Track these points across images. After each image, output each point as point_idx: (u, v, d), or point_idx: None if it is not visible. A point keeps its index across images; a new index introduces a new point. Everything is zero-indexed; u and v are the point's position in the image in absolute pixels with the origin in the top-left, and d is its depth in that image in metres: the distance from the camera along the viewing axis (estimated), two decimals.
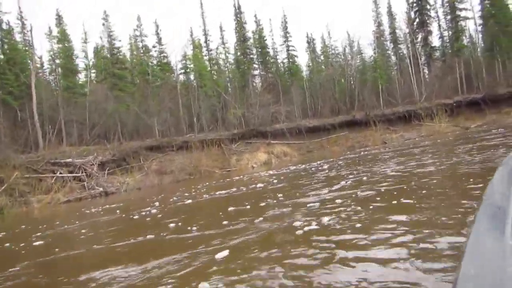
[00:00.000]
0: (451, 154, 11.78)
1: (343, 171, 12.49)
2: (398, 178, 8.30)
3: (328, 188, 8.56)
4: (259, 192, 10.95)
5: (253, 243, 4.72)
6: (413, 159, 12.27)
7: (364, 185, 8.00)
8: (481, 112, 36.38)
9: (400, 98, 40.32)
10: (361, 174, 10.53)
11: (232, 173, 25.98)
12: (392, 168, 10.50)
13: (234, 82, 39.69)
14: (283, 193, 9.14)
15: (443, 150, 14.04)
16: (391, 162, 12.75)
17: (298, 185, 10.70)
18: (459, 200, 5.02)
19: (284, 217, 6.11)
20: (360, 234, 4.13)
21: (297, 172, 15.97)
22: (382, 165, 12.06)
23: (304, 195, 8.20)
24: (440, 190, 6.33)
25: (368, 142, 31.50)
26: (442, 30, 46.07)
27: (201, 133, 32.24)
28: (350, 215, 5.20)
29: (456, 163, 9.10)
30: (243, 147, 33.01)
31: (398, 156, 15.05)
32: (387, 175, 9.08)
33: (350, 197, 6.73)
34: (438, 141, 21.39)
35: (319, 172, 14.02)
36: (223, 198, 11.00)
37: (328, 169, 14.51)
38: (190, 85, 34.80)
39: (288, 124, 35.22)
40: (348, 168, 13.65)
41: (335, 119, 36.68)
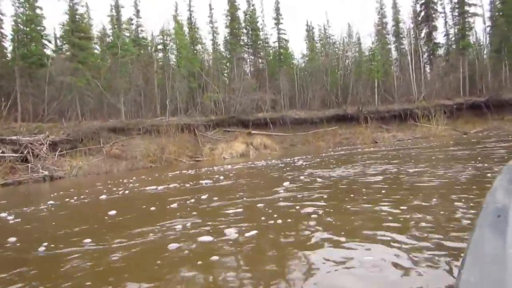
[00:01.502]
0: (440, 164, 9.66)
1: (306, 171, 10.39)
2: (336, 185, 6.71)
3: (265, 191, 6.48)
4: (195, 190, 8.78)
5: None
6: (385, 164, 10.28)
7: (303, 191, 6.49)
8: (482, 117, 34.47)
9: (397, 96, 38.20)
10: (314, 176, 8.70)
11: (202, 163, 23.77)
12: (350, 172, 8.63)
13: (217, 63, 37.16)
14: (220, 194, 7.20)
15: (433, 157, 11.92)
16: (359, 165, 10.73)
17: (249, 186, 8.65)
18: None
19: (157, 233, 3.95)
20: None
21: (267, 168, 13.84)
22: (348, 168, 10.13)
23: (233, 203, 6.07)
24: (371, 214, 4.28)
25: (357, 140, 29.36)
26: (448, 27, 43.87)
27: (175, 117, 29.82)
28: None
29: (434, 175, 7.03)
30: (220, 136, 30.72)
31: (380, 159, 12.93)
32: (334, 181, 7.12)
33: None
34: (432, 145, 19.28)
35: (285, 170, 11.90)
36: (144, 195, 8.80)
37: (291, 168, 12.37)
38: (167, 63, 32.12)
39: (272, 114, 32.97)
40: (314, 168, 11.56)
41: (324, 112, 34.46)
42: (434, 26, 42.04)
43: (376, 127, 33.43)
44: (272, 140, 30.85)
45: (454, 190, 5.20)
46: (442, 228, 3.34)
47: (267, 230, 3.87)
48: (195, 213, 5.34)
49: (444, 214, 3.82)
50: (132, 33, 33.72)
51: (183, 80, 31.98)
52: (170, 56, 32.82)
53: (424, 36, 42.48)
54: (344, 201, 5.15)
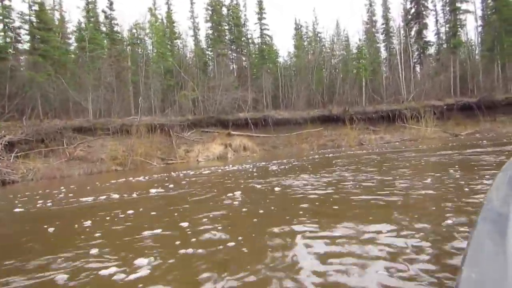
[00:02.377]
0: (415, 173, 8.51)
1: (274, 178, 9.27)
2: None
3: (211, 204, 5.31)
4: (132, 202, 7.48)
5: None
6: (359, 172, 9.17)
7: (246, 204, 5.68)
8: (474, 118, 33.69)
9: (385, 96, 37.21)
10: (274, 185, 7.81)
11: (175, 166, 22.42)
12: (314, 182, 7.41)
13: (196, 60, 35.69)
14: (157, 208, 6.29)
15: (414, 163, 10.79)
16: (333, 172, 9.56)
17: (197, 197, 7.44)
18: None
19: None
20: None
21: (235, 174, 12.62)
22: (318, 175, 8.95)
23: (161, 220, 4.86)
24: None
25: (343, 141, 28.19)
26: (439, 26, 43.08)
27: (148, 117, 28.34)
28: None
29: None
30: (198, 136, 29.33)
31: (359, 164, 11.79)
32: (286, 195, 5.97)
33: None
34: (420, 148, 18.22)
35: (253, 176, 10.69)
36: (67, 210, 7.43)
37: (260, 175, 11.19)
38: (140, 59, 30.48)
39: (253, 114, 31.66)
40: (284, 174, 10.45)
41: (309, 112, 33.25)
42: (424, 24, 41.20)
43: (363, 128, 32.37)
44: (253, 141, 29.54)
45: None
46: None
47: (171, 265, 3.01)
48: (105, 235, 4.18)
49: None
50: (104, 27, 31.99)
51: (158, 77, 30.53)
52: (144, 52, 31.17)
53: (414, 34, 41.57)
54: (269, 224, 4.17)
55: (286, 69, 40.55)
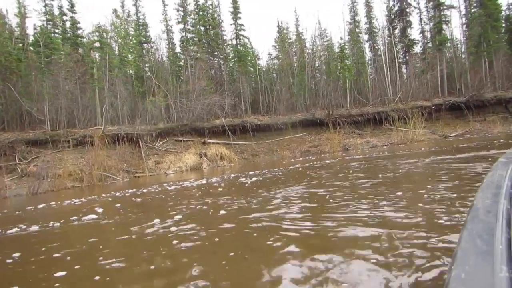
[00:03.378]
0: (389, 190, 7.03)
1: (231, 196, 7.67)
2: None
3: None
4: (47, 233, 5.76)
5: None
6: (327, 188, 7.66)
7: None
8: (463, 118, 32.75)
9: (371, 98, 35.94)
10: (221, 207, 6.22)
11: (143, 180, 20.62)
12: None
13: (167, 65, 33.87)
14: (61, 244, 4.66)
15: (395, 173, 9.30)
16: (300, 187, 8.04)
17: (117, 226, 5.78)
18: None
19: None
20: None
21: (198, 191, 11.05)
22: (283, 189, 7.42)
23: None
24: None
25: (327, 147, 26.69)
26: (423, 24, 42.18)
27: (115, 126, 26.44)
28: None
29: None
30: (170, 146, 27.49)
31: (335, 174, 10.29)
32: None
33: None
34: (405, 153, 16.81)
35: (209, 194, 9.10)
36: None
37: (227, 187, 9.58)
38: (104, 65, 28.39)
39: (231, 120, 29.96)
40: (252, 191, 8.89)
41: (290, 117, 31.70)
42: (408, 21, 40.24)
43: (348, 132, 31.04)
44: (230, 150, 27.85)
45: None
46: None
47: None
48: None
49: None
50: (64, 31, 29.88)
51: (127, 83, 28.68)
52: (108, 56, 29.05)
53: (399, 32, 40.56)
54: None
55: (266, 72, 39.04)
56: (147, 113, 28.43)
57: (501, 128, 29.50)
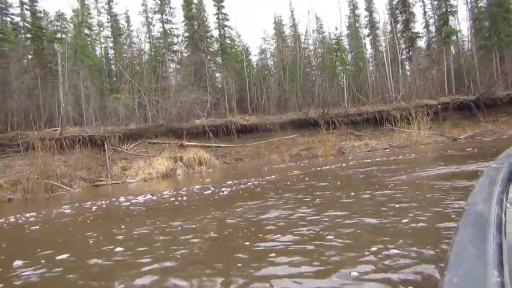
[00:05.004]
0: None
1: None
2: None
3: None
4: None
5: None
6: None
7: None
8: (473, 118, 30.23)
9: (371, 96, 33.31)
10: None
11: (100, 191, 18.04)
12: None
13: (141, 59, 31.16)
14: None
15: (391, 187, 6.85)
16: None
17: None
18: None
19: None
20: None
21: (154, 205, 8.63)
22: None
23: None
24: None
25: (320, 150, 24.01)
26: (427, 18, 39.60)
27: (77, 127, 23.73)
28: None
29: None
30: (143, 150, 24.78)
31: (314, 191, 7.73)
32: None
33: None
34: (407, 158, 14.32)
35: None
36: None
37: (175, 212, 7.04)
38: (65, 58, 25.42)
39: (213, 121, 27.31)
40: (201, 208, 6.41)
41: (281, 117, 29.07)
42: (411, 13, 37.58)
43: (345, 133, 28.41)
44: (211, 153, 25.18)
45: None
46: None
47: None
48: None
49: None
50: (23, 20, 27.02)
51: (94, 80, 26.00)
52: (67, 48, 26.00)
53: (402, 24, 37.91)
54: None
55: (256, 68, 36.38)
56: (117, 113, 25.67)
57: None
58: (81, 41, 26.12)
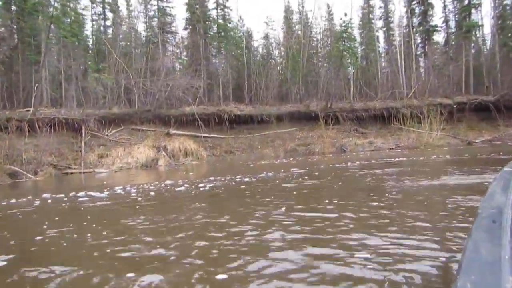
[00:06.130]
0: None
1: None
2: None
3: None
4: None
5: None
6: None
7: None
8: (491, 121, 28.34)
9: (380, 91, 31.32)
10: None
11: (70, 179, 16.61)
12: None
13: (131, 38, 29.53)
14: None
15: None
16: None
17: None
18: None
19: None
20: None
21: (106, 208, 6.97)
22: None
23: None
24: None
25: (317, 147, 22.24)
26: (447, 12, 37.29)
27: (54, 109, 22.21)
28: None
29: None
30: (125, 136, 23.25)
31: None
32: None
33: None
34: (416, 161, 12.57)
35: None
36: None
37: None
38: (42, 31, 23.75)
39: (204, 108, 25.67)
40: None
41: (279, 108, 27.33)
42: (429, 4, 35.30)
43: (349, 130, 26.61)
44: (199, 144, 23.55)
45: None
46: None
47: None
48: None
49: None
50: None
51: (79, 58, 24.48)
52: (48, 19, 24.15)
53: (419, 16, 35.68)
54: None
55: (257, 54, 34.56)
56: (100, 95, 24.13)
57: None
58: (64, 16, 24.51)
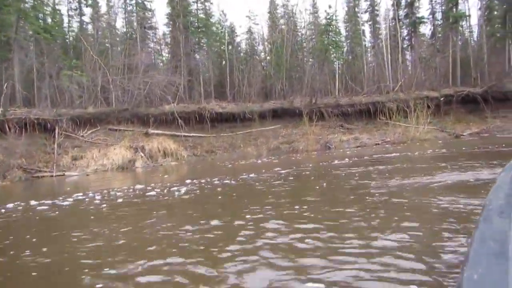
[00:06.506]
0: None
1: None
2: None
3: None
4: None
5: None
6: None
7: None
8: (479, 113, 28.14)
9: (366, 86, 30.86)
10: None
11: (47, 183, 15.92)
12: None
13: (108, 33, 28.70)
14: None
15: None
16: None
17: None
18: None
19: None
20: None
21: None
22: None
23: None
24: None
25: (301, 144, 21.69)
26: (434, 3, 36.95)
27: (25, 109, 21.37)
28: None
29: None
30: (101, 137, 22.49)
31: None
32: None
33: None
34: (403, 156, 12.11)
35: None
36: None
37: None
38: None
39: (185, 107, 25.00)
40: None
41: (262, 105, 26.73)
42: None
43: (335, 126, 26.12)
44: (179, 144, 22.90)
45: None
46: None
47: None
48: None
49: None
50: None
51: (52, 55, 23.63)
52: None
53: (405, 7, 35.23)
54: None
55: (241, 51, 33.90)
56: (77, 94, 23.31)
57: None
58: (34, 10, 23.55)
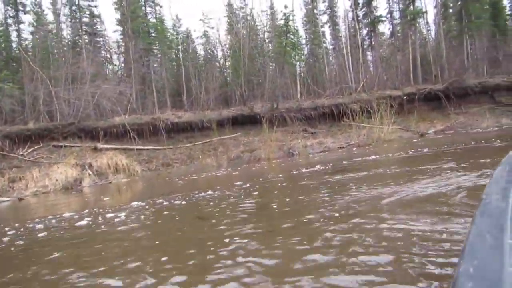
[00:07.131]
0: None
1: None
2: None
3: None
4: None
5: None
6: None
7: None
8: (442, 110, 28.28)
9: (329, 88, 30.44)
10: None
11: None
12: None
13: (49, 42, 27.02)
14: None
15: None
16: None
17: None
18: None
19: None
20: None
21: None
22: None
23: None
24: None
25: (262, 152, 20.71)
26: (391, 3, 37.31)
27: None
28: None
29: None
30: (45, 155, 20.74)
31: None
32: None
33: None
34: (368, 161, 11.37)
35: None
36: None
37: None
38: None
39: (137, 118, 23.61)
40: None
41: (221, 112, 25.69)
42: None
43: (298, 131, 25.40)
44: (133, 158, 21.43)
45: None
46: None
47: None
48: None
49: None
50: None
51: None
52: None
53: (363, 6, 35.26)
54: None
55: (198, 57, 32.84)
56: (12, 109, 21.51)
57: (489, 121, 24.76)
58: None
